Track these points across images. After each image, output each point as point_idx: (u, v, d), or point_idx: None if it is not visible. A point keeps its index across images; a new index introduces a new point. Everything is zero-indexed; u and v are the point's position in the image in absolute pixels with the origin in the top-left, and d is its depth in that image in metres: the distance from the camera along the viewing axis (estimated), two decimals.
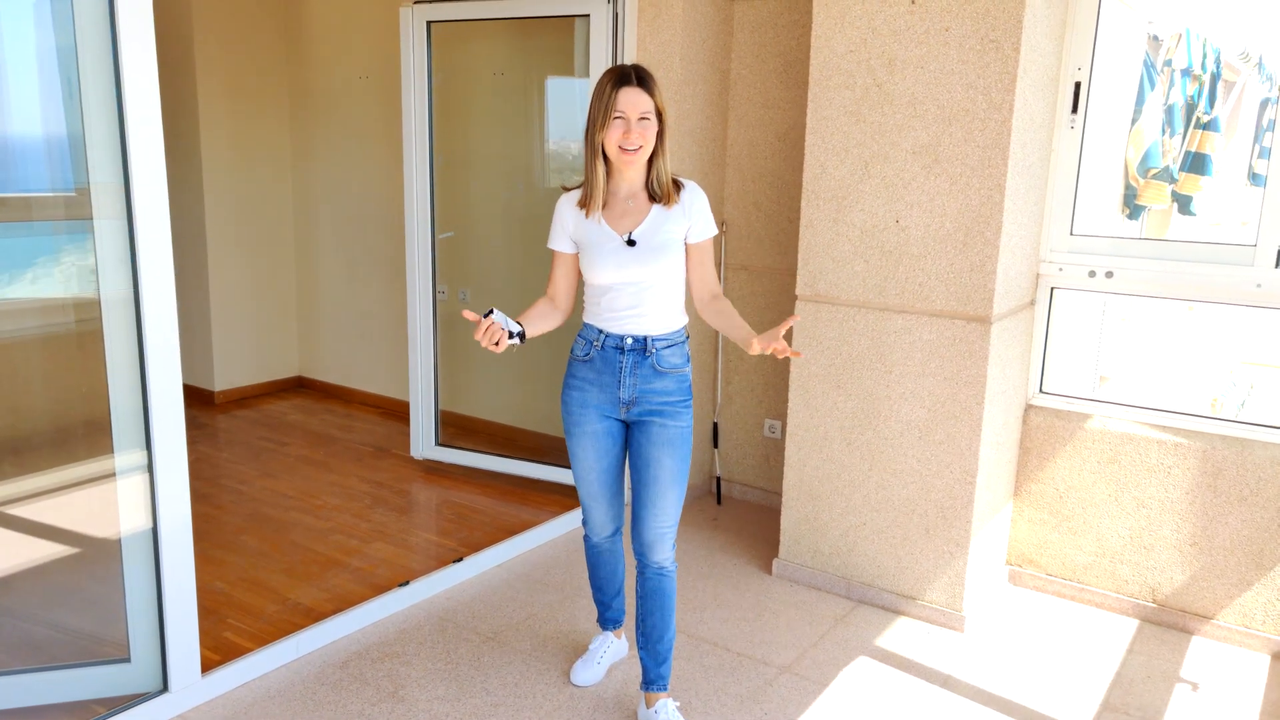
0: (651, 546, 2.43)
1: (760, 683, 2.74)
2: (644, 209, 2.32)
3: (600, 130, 2.22)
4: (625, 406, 2.38)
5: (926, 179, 2.94)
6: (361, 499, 4.01)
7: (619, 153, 2.23)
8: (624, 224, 2.31)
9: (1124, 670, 2.86)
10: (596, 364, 2.37)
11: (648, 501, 2.41)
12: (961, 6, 2.81)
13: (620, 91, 2.19)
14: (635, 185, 2.31)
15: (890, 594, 3.19)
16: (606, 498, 2.52)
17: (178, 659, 2.48)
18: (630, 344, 2.34)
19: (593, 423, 2.41)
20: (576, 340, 2.43)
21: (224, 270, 5.29)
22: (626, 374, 2.35)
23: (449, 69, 4.29)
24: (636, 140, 2.20)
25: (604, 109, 2.20)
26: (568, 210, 2.36)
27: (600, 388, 2.38)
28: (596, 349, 2.36)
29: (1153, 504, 3.09)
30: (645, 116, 2.20)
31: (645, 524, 2.42)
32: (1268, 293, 2.88)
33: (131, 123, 2.21)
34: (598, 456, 2.45)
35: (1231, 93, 5.76)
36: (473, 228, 4.56)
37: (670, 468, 2.39)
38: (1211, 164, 4.98)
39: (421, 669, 2.76)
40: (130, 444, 2.38)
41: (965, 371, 2.95)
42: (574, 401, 2.42)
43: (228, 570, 3.32)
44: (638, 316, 2.33)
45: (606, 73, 2.25)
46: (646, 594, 2.48)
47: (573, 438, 2.45)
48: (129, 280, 2.30)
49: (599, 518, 2.57)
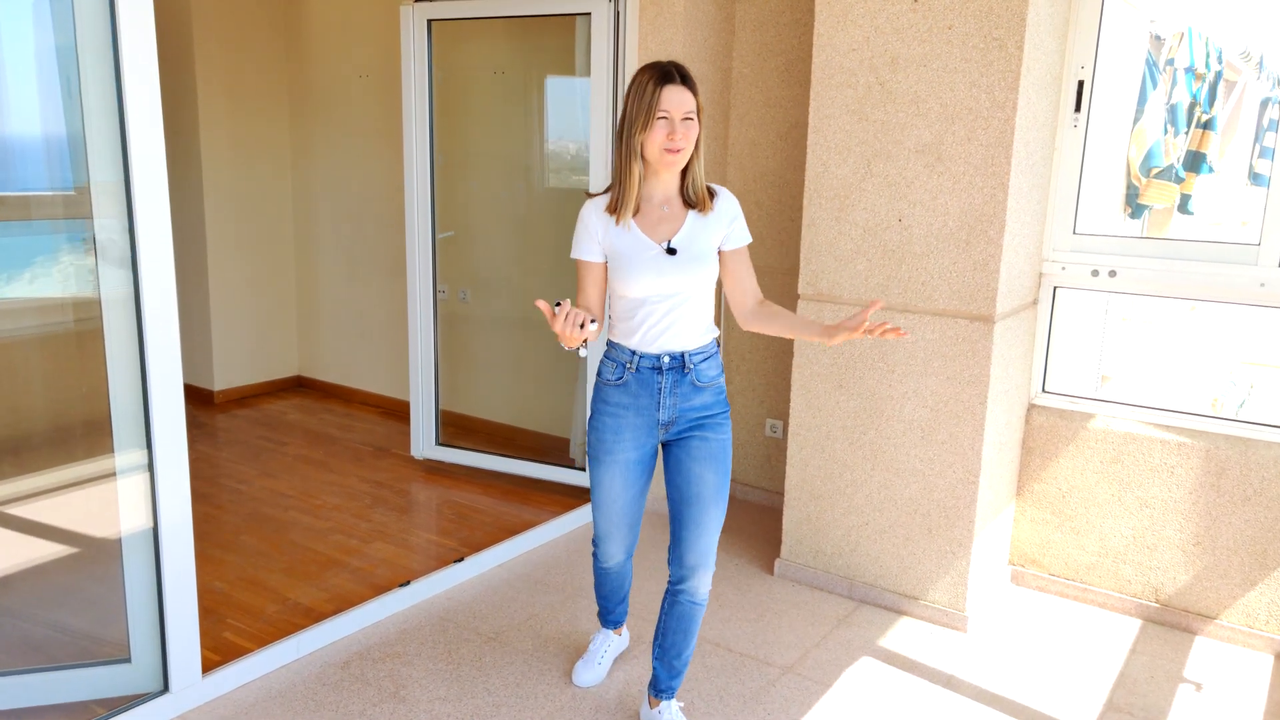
0: (694, 571, 2.30)
1: (763, 683, 2.73)
2: (679, 216, 2.19)
3: (642, 131, 2.07)
4: (664, 428, 2.26)
5: (929, 178, 2.93)
6: (361, 499, 4.00)
7: (661, 155, 2.09)
8: (660, 231, 2.18)
9: (1127, 670, 2.85)
10: (631, 387, 2.22)
11: (689, 521, 2.27)
12: (964, 5, 2.80)
13: (664, 89, 2.06)
14: (670, 190, 2.19)
15: (893, 594, 3.18)
16: (626, 527, 2.41)
17: (178, 659, 2.47)
18: (668, 362, 2.20)
19: (626, 450, 2.27)
20: (603, 363, 2.28)
21: (223, 269, 5.28)
22: (665, 395, 2.22)
23: (449, 68, 4.28)
24: (681, 141, 2.08)
25: (646, 108, 2.06)
26: (595, 217, 2.19)
27: (637, 411, 2.24)
28: (631, 371, 2.22)
29: (1156, 504, 3.08)
30: (689, 116, 2.09)
31: (688, 546, 2.28)
32: (1271, 292, 2.87)
33: (132, 121, 2.20)
34: (625, 485, 2.32)
35: (1232, 92, 5.76)
36: (473, 227, 4.55)
37: (713, 483, 2.27)
38: (1208, 163, 4.97)
39: (423, 669, 2.75)
40: (131, 443, 2.37)
41: (968, 371, 2.94)
42: (607, 429, 2.27)
43: (227, 570, 3.31)
44: (674, 332, 2.19)
45: (645, 70, 2.11)
46: (675, 616, 2.37)
47: (601, 465, 2.30)
48: (129, 279, 2.29)
49: (613, 548, 2.47)
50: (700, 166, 2.18)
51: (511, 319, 4.62)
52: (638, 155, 2.11)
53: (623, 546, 2.47)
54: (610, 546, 2.47)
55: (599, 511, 2.40)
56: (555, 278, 4.36)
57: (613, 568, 2.55)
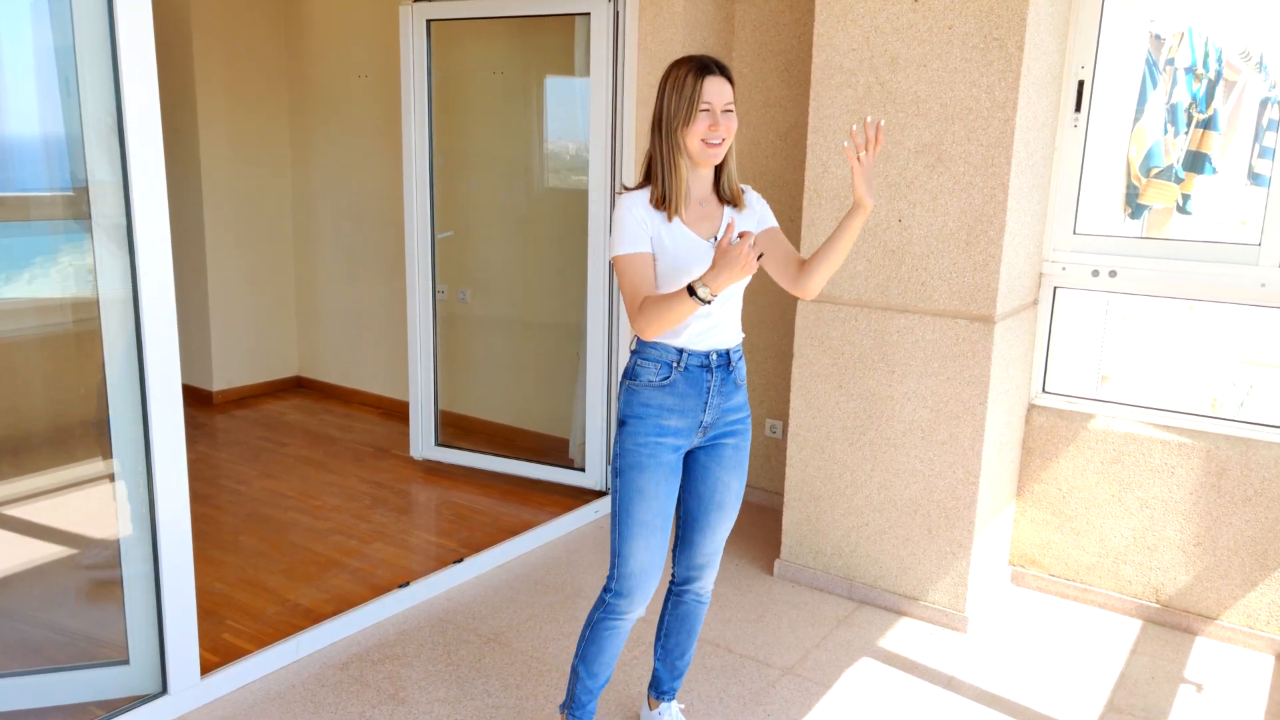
0: (703, 570, 2.28)
1: (763, 684, 2.73)
2: (717, 213, 2.13)
3: (685, 125, 2.00)
4: (703, 431, 2.16)
5: (929, 178, 2.93)
6: (361, 499, 3.99)
7: (702, 148, 2.02)
8: (704, 229, 2.10)
9: (1128, 671, 2.85)
10: (679, 387, 2.10)
11: (705, 526, 2.23)
12: (965, 5, 2.80)
13: (705, 81, 2.00)
14: (706, 187, 2.13)
15: (893, 595, 3.18)
16: (663, 549, 2.16)
17: (177, 661, 2.47)
18: (715, 360, 2.12)
19: (667, 454, 2.12)
20: (642, 365, 2.11)
21: (223, 269, 5.27)
22: (713, 394, 2.13)
23: (448, 68, 4.27)
24: (724, 132, 2.03)
25: (687, 101, 1.99)
26: (643, 210, 2.05)
27: (682, 414, 2.11)
28: (678, 371, 2.10)
29: (1156, 504, 3.07)
30: (729, 108, 2.03)
31: (699, 548, 2.25)
32: (1272, 292, 2.87)
33: (130, 121, 2.20)
34: (669, 495, 2.14)
35: (1232, 92, 5.76)
36: (473, 227, 4.55)
37: (736, 490, 2.24)
38: (1210, 163, 4.97)
39: (422, 670, 2.74)
40: (129, 445, 2.36)
41: (968, 371, 2.94)
42: (649, 432, 2.10)
43: (226, 571, 3.30)
44: (722, 329, 2.13)
45: (681, 64, 2.04)
46: (680, 616, 2.35)
47: (645, 472, 2.09)
48: (128, 280, 2.29)
49: (649, 585, 2.16)
50: (734, 162, 2.13)
51: (511, 319, 4.62)
52: (682, 149, 2.03)
53: (657, 577, 2.17)
54: (646, 584, 2.15)
55: (637, 537, 2.11)
56: (555, 278, 4.35)
57: (633, 619, 2.20)
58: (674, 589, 2.37)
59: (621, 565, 2.14)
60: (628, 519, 2.11)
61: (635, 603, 2.16)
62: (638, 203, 2.06)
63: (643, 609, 2.19)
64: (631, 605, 2.16)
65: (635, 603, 2.16)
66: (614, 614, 2.18)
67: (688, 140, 2.02)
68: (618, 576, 2.15)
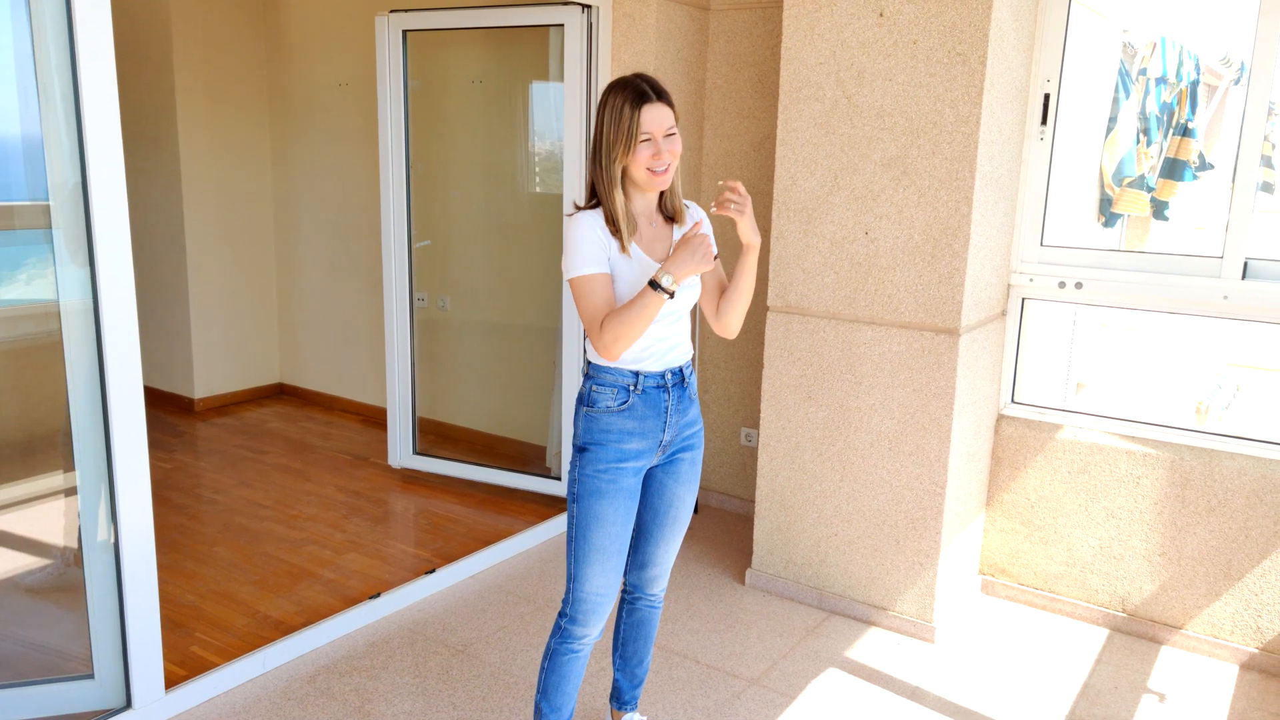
0: (655, 580, 2.32)
1: (728, 695, 2.74)
2: (666, 232, 2.12)
3: (626, 156, 1.98)
4: (662, 450, 2.16)
5: (895, 191, 2.94)
6: (338, 509, 4.00)
7: (648, 176, 2.00)
8: (656, 250, 2.09)
9: (1092, 681, 2.87)
10: (638, 410, 2.09)
11: (659, 539, 2.26)
12: (929, 20, 2.81)
13: (643, 110, 1.96)
14: (651, 206, 2.11)
15: (862, 605, 3.19)
16: (619, 572, 2.16)
17: (141, 675, 2.47)
18: (670, 379, 2.12)
19: (628, 479, 2.11)
20: (599, 391, 2.09)
21: (204, 277, 5.28)
22: (672, 413, 2.13)
23: (428, 77, 4.29)
24: (668, 159, 2.00)
25: (626, 133, 1.96)
26: (601, 232, 2.02)
27: (643, 436, 2.10)
28: (636, 394, 2.08)
29: (1122, 514, 3.09)
30: (670, 132, 2.00)
31: (653, 559, 2.28)
32: (1234, 304, 2.89)
33: (90, 128, 2.19)
34: (626, 519, 2.12)
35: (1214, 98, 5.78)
36: (453, 235, 4.56)
37: (690, 502, 2.26)
38: (1190, 170, 4.99)
39: (389, 683, 2.75)
40: (91, 456, 2.37)
41: (934, 383, 2.95)
42: (609, 458, 2.08)
43: (199, 582, 3.31)
44: (675, 347, 2.13)
45: (616, 91, 2.00)
46: (635, 623, 2.38)
47: (604, 499, 2.08)
48: (88, 288, 2.29)
49: (604, 609, 2.16)
50: (678, 180, 2.12)
51: (492, 326, 4.63)
52: (618, 182, 2.01)
53: (611, 605, 2.17)
54: (602, 608, 2.14)
55: (593, 563, 2.10)
56: (536, 286, 4.37)
57: (590, 643, 2.20)
58: (627, 597, 2.39)
59: (577, 589, 2.13)
60: (585, 545, 2.10)
61: (591, 627, 2.15)
62: (594, 223, 2.03)
63: (599, 632, 2.19)
64: (587, 630, 2.16)
65: (591, 627, 2.15)
66: (570, 639, 2.16)
67: (633, 170, 2.01)
68: (573, 601, 2.14)
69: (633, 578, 2.34)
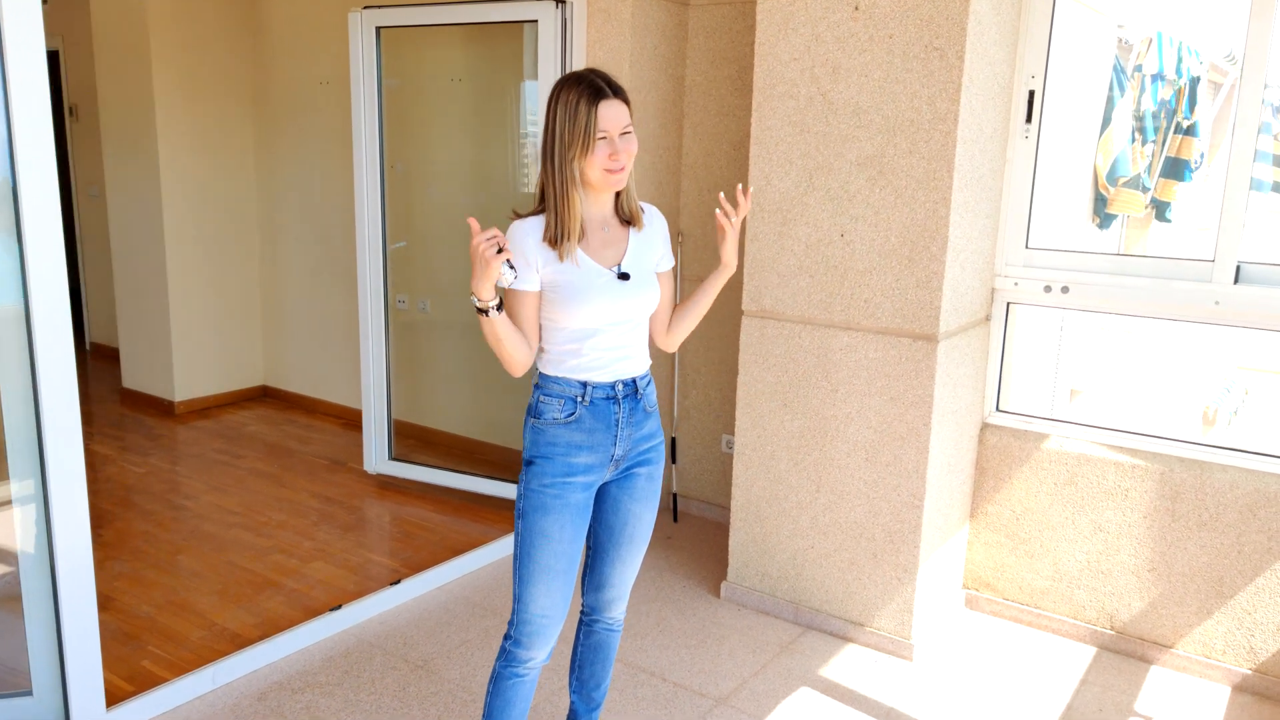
0: (614, 603, 2.22)
1: (693, 716, 2.64)
2: (622, 237, 2.02)
3: (582, 155, 1.89)
4: (615, 464, 2.06)
5: (871, 191, 2.83)
6: (308, 515, 3.92)
7: (604, 176, 1.91)
8: (608, 256, 1.99)
9: (1076, 702, 2.75)
10: (585, 422, 1.99)
11: (617, 560, 2.15)
12: (905, 14, 2.70)
13: (599, 108, 1.87)
14: (607, 210, 2.02)
15: (839, 620, 3.08)
16: (567, 593, 2.04)
17: (80, 692, 2.38)
18: (622, 390, 2.02)
19: (576, 494, 2.00)
20: (545, 401, 2.01)
21: (184, 278, 5.20)
22: (623, 425, 2.03)
23: (405, 75, 4.20)
24: (625, 158, 1.92)
25: (582, 131, 1.87)
26: (532, 245, 1.94)
27: (592, 449, 2.01)
28: (584, 405, 1.99)
29: (1110, 527, 2.97)
30: (627, 131, 1.92)
31: (610, 581, 2.18)
32: (1226, 310, 2.77)
33: (18, 125, 2.11)
34: (575, 537, 2.01)
35: (1219, 95, 5.64)
36: (432, 236, 4.47)
37: (649, 521, 2.15)
38: (1190, 170, 4.86)
39: (342, 700, 2.66)
40: (24, 464, 2.28)
41: (912, 391, 2.84)
42: (556, 473, 1.98)
43: (157, 593, 3.22)
44: (627, 357, 2.03)
45: (569, 87, 1.90)
46: (592, 646, 2.28)
47: (549, 514, 1.97)
48: (19, 293, 2.20)
49: (551, 632, 2.04)
50: (632, 181, 2.03)
51: (473, 330, 4.53)
52: (575, 180, 1.91)
53: (559, 624, 2.06)
54: (548, 631, 2.03)
55: (538, 583, 1.99)
56: None
57: (536, 668, 2.08)
58: (584, 619, 2.28)
59: (521, 611, 2.02)
60: (529, 564, 1.99)
61: (536, 651, 2.04)
62: (527, 236, 1.94)
63: (546, 656, 2.07)
64: (532, 654, 2.04)
65: (536, 651, 2.04)
66: (515, 662, 2.05)
67: (587, 171, 1.91)
68: (517, 623, 2.03)
69: (590, 599, 2.23)
